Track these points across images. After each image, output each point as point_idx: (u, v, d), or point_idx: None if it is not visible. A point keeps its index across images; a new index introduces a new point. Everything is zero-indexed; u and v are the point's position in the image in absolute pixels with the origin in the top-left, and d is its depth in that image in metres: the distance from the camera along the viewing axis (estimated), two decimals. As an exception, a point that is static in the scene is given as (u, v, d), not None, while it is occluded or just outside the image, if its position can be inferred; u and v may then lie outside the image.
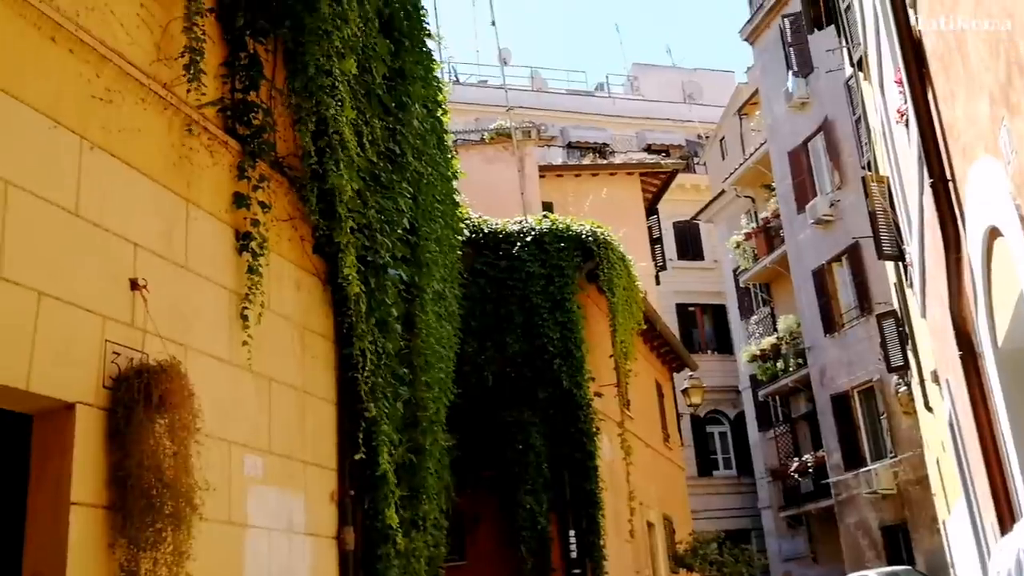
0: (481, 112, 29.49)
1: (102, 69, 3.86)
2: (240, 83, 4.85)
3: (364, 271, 5.61)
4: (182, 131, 4.38)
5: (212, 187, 4.59)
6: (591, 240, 12.15)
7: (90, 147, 3.75)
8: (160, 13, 4.34)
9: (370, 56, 5.91)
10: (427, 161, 7.20)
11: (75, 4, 3.78)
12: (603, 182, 19.64)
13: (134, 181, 4.02)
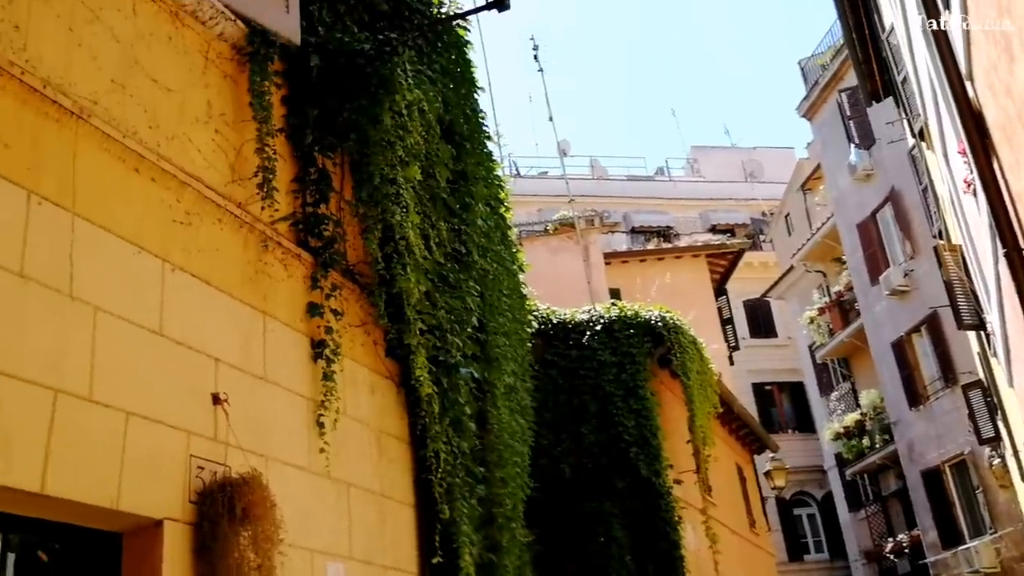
0: (543, 203, 29.88)
1: (182, 194, 4.07)
2: (311, 197, 5.04)
3: (436, 371, 5.68)
4: (257, 247, 4.55)
5: (287, 298, 4.73)
6: (661, 325, 12.08)
7: (172, 269, 3.93)
8: (234, 137, 4.56)
9: (433, 161, 6.09)
10: (492, 257, 7.31)
11: (156, 135, 4.01)
12: (669, 266, 19.62)
13: (213, 298, 4.17)
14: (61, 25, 3.62)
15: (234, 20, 4.56)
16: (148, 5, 4.13)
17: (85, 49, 3.71)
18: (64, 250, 3.41)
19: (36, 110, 3.39)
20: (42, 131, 3.41)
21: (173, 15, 4.28)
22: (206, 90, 4.43)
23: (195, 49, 4.42)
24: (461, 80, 6.94)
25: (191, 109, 4.28)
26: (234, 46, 4.67)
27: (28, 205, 3.28)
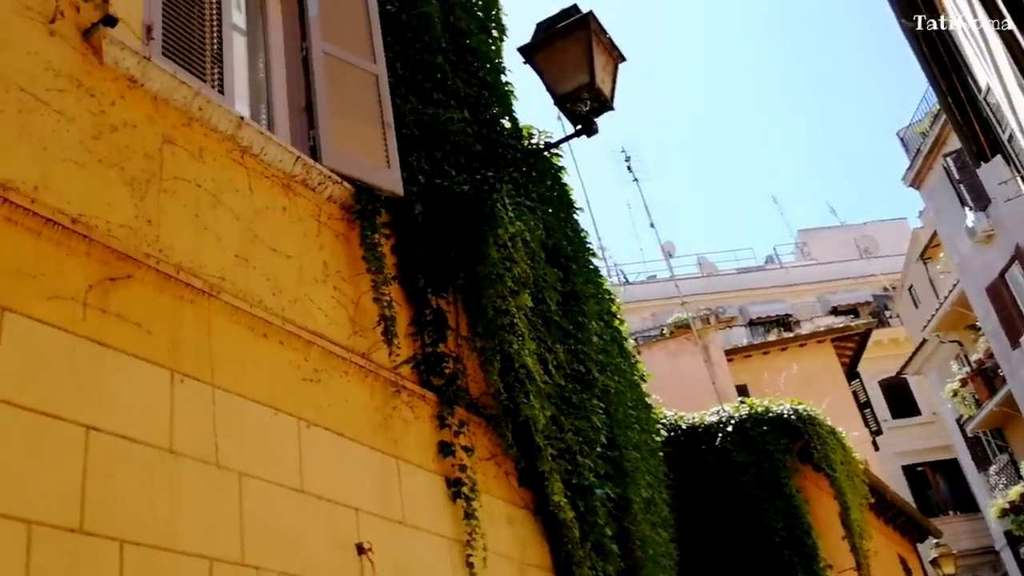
0: (655, 307, 29.76)
1: (308, 353, 4.25)
2: (428, 338, 5.18)
3: (571, 496, 5.63)
4: (384, 393, 4.68)
5: (417, 440, 4.82)
6: (795, 418, 11.68)
7: (307, 426, 4.08)
8: (351, 291, 4.77)
9: (542, 287, 6.20)
10: (613, 372, 7.31)
11: (280, 300, 4.23)
12: (795, 355, 19.11)
13: (348, 449, 4.29)
14: (187, 213, 3.91)
15: (340, 182, 4.83)
16: (262, 182, 4.43)
17: (211, 231, 3.98)
18: (207, 422, 3.59)
19: (172, 294, 3.65)
20: (179, 313, 3.65)
21: (285, 187, 4.57)
22: (321, 251, 4.67)
23: (308, 215, 4.68)
24: (559, 204, 7.11)
25: (309, 271, 4.52)
26: (343, 206, 4.93)
27: (172, 384, 3.49)
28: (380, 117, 5.18)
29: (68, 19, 3.69)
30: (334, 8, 5.27)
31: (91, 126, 3.61)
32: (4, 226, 3.08)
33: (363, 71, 5.25)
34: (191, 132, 4.12)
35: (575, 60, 4.94)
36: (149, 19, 4.13)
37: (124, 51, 3.81)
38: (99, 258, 3.38)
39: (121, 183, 3.64)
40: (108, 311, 3.34)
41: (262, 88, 5.12)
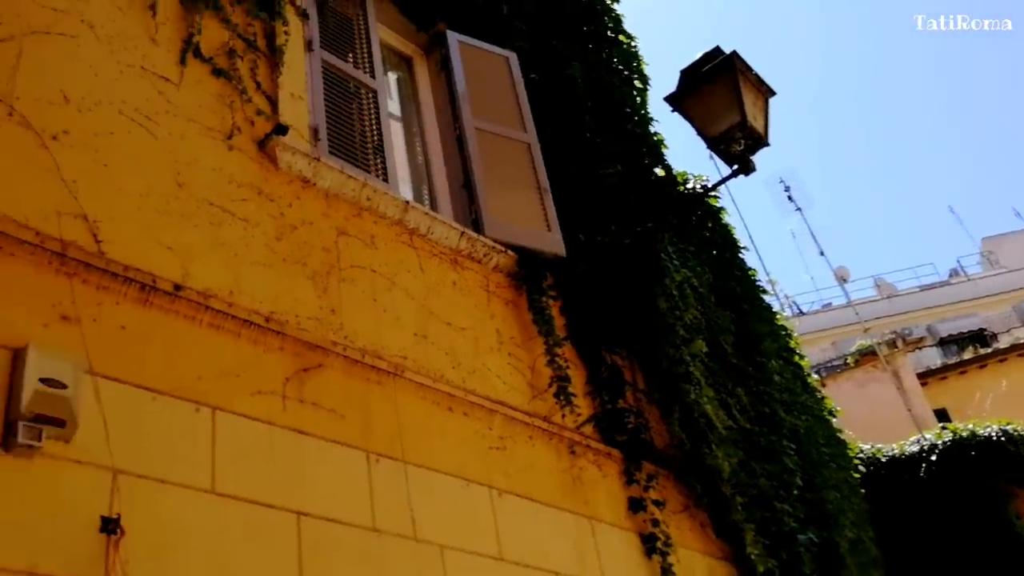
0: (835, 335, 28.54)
1: (492, 421, 4.34)
2: (607, 395, 5.17)
3: (771, 544, 5.44)
4: (569, 455, 4.70)
5: (607, 499, 4.80)
6: (1004, 440, 10.87)
7: (498, 494, 4.14)
8: (525, 356, 4.84)
9: (715, 331, 6.10)
10: (799, 410, 7.06)
11: (459, 373, 4.35)
12: (996, 371, 17.81)
13: (540, 513, 4.32)
14: (366, 298, 4.11)
15: (505, 251, 4.95)
16: (432, 260, 4.60)
17: (389, 313, 4.16)
18: (403, 498, 3.71)
19: (360, 378, 3.82)
20: (367, 395, 3.82)
21: (453, 262, 4.73)
22: (493, 320, 4.78)
23: (477, 286, 4.82)
24: (723, 245, 7.01)
25: (484, 341, 4.63)
26: (509, 274, 5.04)
27: (368, 464, 3.64)
28: (536, 183, 5.29)
29: (244, 133, 4.00)
30: (482, 86, 5.46)
31: (273, 228, 3.87)
32: (208, 332, 3.33)
33: (515, 141, 5.40)
34: (362, 221, 4.34)
35: (724, 101, 4.91)
36: (314, 122, 4.41)
37: (296, 155, 4.09)
38: (292, 351, 3.59)
39: (305, 278, 3.87)
40: (305, 400, 3.54)
41: (422, 170, 5.35)
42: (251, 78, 4.19)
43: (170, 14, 3.99)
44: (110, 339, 3.02)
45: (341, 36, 5.05)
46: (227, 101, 4.00)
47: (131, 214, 3.33)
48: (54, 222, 3.05)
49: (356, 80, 4.94)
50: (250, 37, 4.32)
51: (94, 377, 2.88)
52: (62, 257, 2.98)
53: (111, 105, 3.50)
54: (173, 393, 3.10)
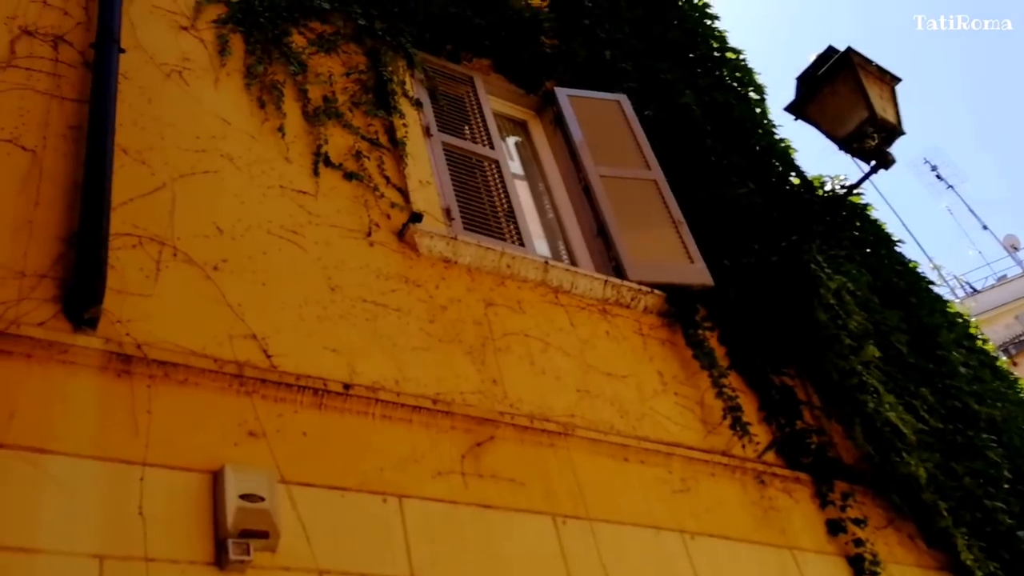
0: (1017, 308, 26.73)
1: (671, 464, 4.28)
2: (783, 418, 5.02)
3: (987, 546, 5.10)
4: (756, 486, 4.58)
5: (804, 525, 4.63)
6: None
7: (690, 537, 4.07)
8: (692, 393, 4.77)
9: (885, 333, 5.84)
10: (993, 398, 6.64)
11: (628, 422, 4.33)
12: None
13: (737, 550, 4.22)
14: (524, 364, 4.17)
15: (651, 291, 4.93)
16: (580, 314, 4.63)
17: (548, 374, 4.21)
18: (594, 556, 3.70)
19: (532, 443, 3.86)
20: (543, 459, 3.85)
21: (602, 312, 4.74)
22: (652, 363, 4.75)
23: (630, 331, 4.80)
24: (876, 242, 6.75)
25: (647, 385, 4.59)
26: (659, 313, 5.01)
27: (556, 527, 3.65)
28: (670, 218, 5.27)
29: (383, 227, 4.17)
30: (598, 133, 5.51)
31: (425, 312, 4.00)
32: (381, 423, 3.46)
33: (641, 181, 5.40)
34: (506, 289, 4.43)
35: (848, 100, 4.77)
36: (445, 203, 4.56)
37: (434, 238, 4.23)
38: (463, 428, 3.68)
39: (462, 354, 3.97)
40: (484, 474, 3.61)
41: (554, 226, 5.41)
42: (380, 174, 4.38)
43: (297, 131, 4.23)
44: (295, 447, 3.18)
45: (455, 115, 5.22)
46: (362, 200, 4.20)
47: (294, 325, 3.52)
48: (228, 346, 3.26)
49: (477, 154, 5.09)
50: (372, 136, 4.52)
51: (287, 485, 3.04)
52: (240, 378, 3.17)
53: (260, 227, 3.73)
54: (360, 488, 3.22)
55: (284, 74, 4.43)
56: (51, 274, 3.05)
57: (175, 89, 3.97)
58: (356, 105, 4.60)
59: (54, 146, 3.40)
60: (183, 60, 4.12)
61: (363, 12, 4.99)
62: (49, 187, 3.27)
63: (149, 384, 2.97)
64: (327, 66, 4.67)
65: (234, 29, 4.43)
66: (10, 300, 2.88)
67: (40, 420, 2.70)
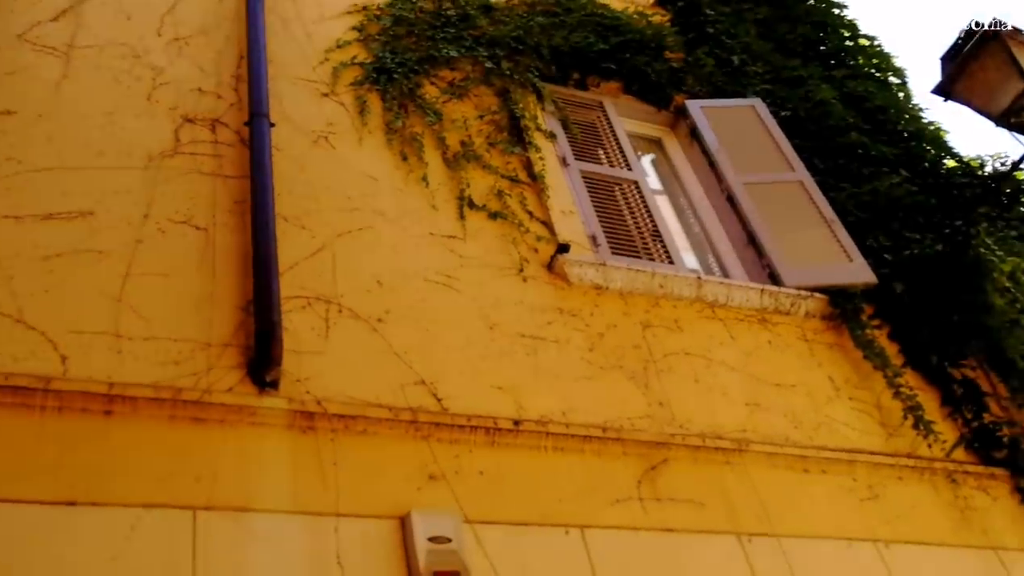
0: None
1: (854, 472, 4.12)
2: (969, 412, 4.76)
3: None
4: (948, 486, 4.34)
5: (1007, 523, 4.36)
6: None
7: (884, 545, 3.90)
8: (867, 395, 4.58)
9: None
10: None
11: (803, 432, 4.20)
12: None
13: (936, 555, 4.01)
14: (688, 382, 4.11)
15: (811, 295, 4.78)
16: (740, 326, 4.54)
17: (715, 391, 4.14)
18: (786, 573, 3.59)
19: (707, 462, 3.80)
20: (720, 477, 3.78)
21: (762, 323, 4.63)
22: (821, 368, 4.59)
23: (794, 339, 4.67)
24: (1047, 216, 6.32)
25: (819, 392, 4.45)
26: (822, 317, 4.85)
27: (742, 546, 3.57)
28: (821, 217, 5.11)
29: (532, 262, 4.23)
30: (736, 141, 5.42)
31: (584, 341, 4.02)
32: (554, 456, 3.49)
33: (786, 183, 5.27)
34: (661, 309, 4.39)
35: (999, 73, 4.52)
36: (590, 230, 4.58)
37: (583, 267, 4.25)
38: (635, 453, 3.66)
39: (625, 379, 3.96)
40: (661, 498, 3.57)
41: (701, 240, 5.34)
42: (523, 209, 4.45)
43: (440, 178, 4.36)
44: (474, 486, 3.25)
45: (589, 142, 5.25)
46: (509, 238, 4.27)
47: (459, 367, 3.60)
48: (400, 394, 3.37)
49: (615, 177, 5.09)
50: (511, 173, 4.60)
51: (471, 525, 3.10)
52: (415, 423, 3.27)
53: (416, 276, 3.85)
54: (541, 522, 3.25)
55: (421, 125, 4.57)
56: (233, 342, 3.23)
57: (323, 154, 4.17)
58: (492, 145, 4.70)
59: (223, 222, 3.63)
60: (327, 125, 4.32)
61: (489, 55, 5.11)
62: (223, 260, 3.48)
63: (332, 438, 3.11)
64: (461, 111, 4.80)
65: (370, 89, 4.62)
66: (200, 370, 3.08)
67: (239, 481, 2.86)
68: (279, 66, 4.46)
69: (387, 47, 4.88)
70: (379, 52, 4.83)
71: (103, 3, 4.29)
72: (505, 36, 5.22)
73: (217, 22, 4.56)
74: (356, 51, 4.81)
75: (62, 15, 4.13)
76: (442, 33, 5.12)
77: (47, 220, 3.30)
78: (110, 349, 3.02)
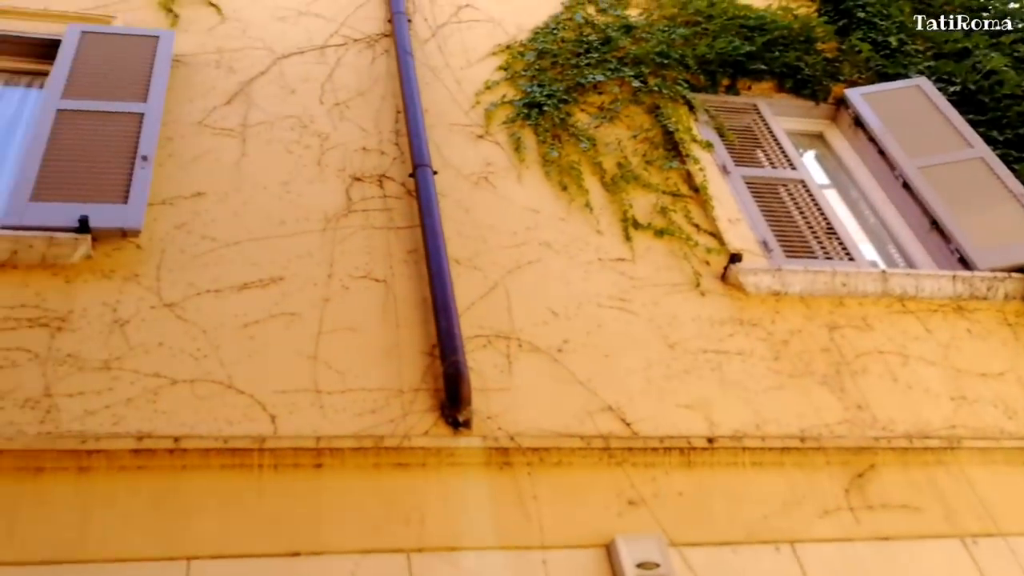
0: None
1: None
2: None
3: None
4: None
5: None
6: None
7: None
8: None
9: None
10: None
11: (1018, 422, 3.92)
12: None
13: None
14: (885, 382, 3.92)
15: (1007, 276, 4.47)
16: (934, 317, 4.30)
17: (916, 388, 3.93)
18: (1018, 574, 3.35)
19: (917, 463, 3.60)
20: (933, 478, 3.57)
21: (957, 311, 4.36)
22: (1030, 353, 4.28)
23: (994, 324, 4.37)
24: None
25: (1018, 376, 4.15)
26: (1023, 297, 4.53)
27: (966, 549, 3.36)
28: (1009, 192, 4.78)
29: (704, 275, 4.16)
30: (904, 124, 5.17)
31: (768, 350, 3.91)
32: (752, 471, 3.40)
33: (965, 162, 4.97)
34: (847, 309, 4.22)
35: None
36: (760, 236, 4.46)
37: (757, 274, 4.15)
38: (839, 461, 3.51)
39: (817, 385, 3.82)
40: (872, 505, 3.41)
41: (879, 231, 5.11)
42: (688, 223, 4.40)
43: (602, 203, 4.37)
44: (674, 508, 3.21)
45: (748, 146, 5.13)
46: (679, 254, 4.22)
47: (644, 389, 3.58)
48: (589, 422, 3.38)
49: (779, 178, 4.95)
50: (672, 188, 4.56)
51: (676, 548, 3.06)
52: (608, 450, 3.27)
53: (589, 303, 3.86)
54: (748, 540, 3.17)
55: (577, 152, 4.61)
56: (423, 386, 3.34)
57: (485, 194, 4.26)
58: (650, 163, 4.68)
59: (399, 271, 3.77)
60: (486, 166, 4.42)
61: (635, 74, 5.10)
62: (404, 309, 3.62)
63: (529, 472, 3.15)
64: (614, 134, 4.81)
65: (523, 124, 4.70)
66: (397, 417, 3.20)
67: (446, 521, 2.94)
68: (434, 115, 4.61)
69: (534, 81, 4.96)
70: (527, 87, 4.91)
71: (269, 81, 4.57)
72: (649, 53, 5.20)
73: (372, 83, 4.76)
74: (505, 90, 4.92)
75: (234, 98, 4.43)
76: (586, 59, 5.16)
77: (243, 290, 3.52)
78: (312, 405, 3.18)
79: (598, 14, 5.61)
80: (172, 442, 2.93)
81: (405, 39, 4.92)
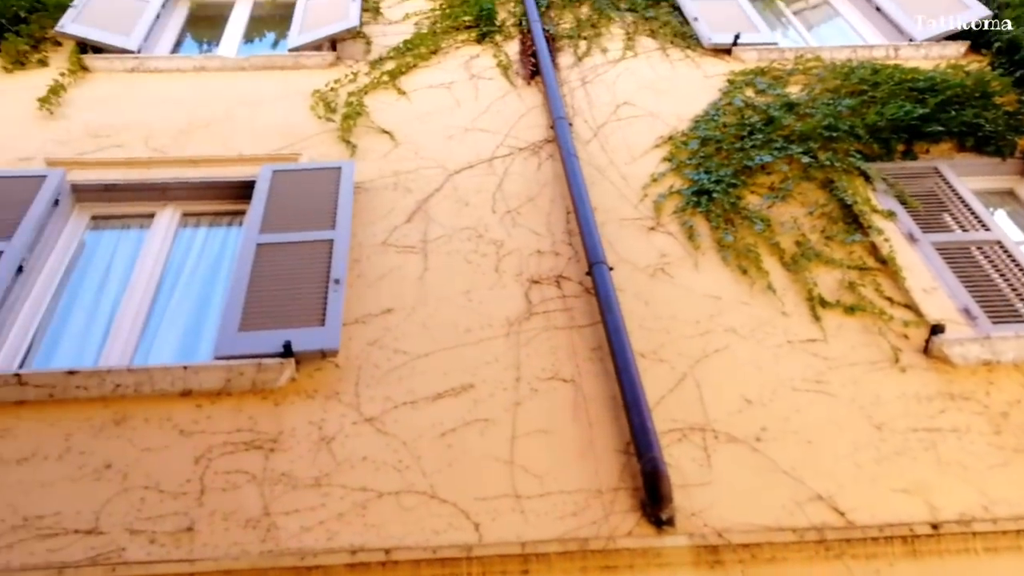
0: None
1: None
2: None
3: None
4: None
5: None
6: None
7: None
8: None
9: None
10: None
11: None
12: None
13: None
14: None
15: None
16: None
17: None
18: None
19: None
20: None
21: None
22: None
23: None
24: None
25: None
26: None
27: None
28: None
29: (905, 349, 3.95)
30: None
31: (986, 425, 3.64)
32: (988, 557, 3.13)
33: None
34: (1069, 373, 3.89)
35: None
36: (960, 303, 4.21)
37: (965, 344, 3.90)
38: (1086, 543, 3.19)
39: (1047, 460, 3.51)
40: None
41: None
42: (880, 297, 4.21)
43: (784, 283, 4.26)
44: (904, 603, 2.98)
45: (933, 211, 4.90)
46: (874, 329, 4.03)
47: (854, 474, 3.39)
48: (799, 513, 3.22)
49: (972, 241, 4.68)
50: (858, 263, 4.40)
51: (913, 647, 2.83)
52: (824, 543, 3.09)
53: (784, 387, 3.73)
54: (993, 635, 2.90)
55: (752, 235, 4.53)
56: (621, 485, 3.29)
57: (663, 286, 4.24)
58: (830, 238, 4.54)
59: (585, 370, 3.77)
60: (661, 257, 4.41)
61: (804, 150, 5.01)
62: (594, 407, 3.60)
63: (741, 570, 3.02)
64: (788, 212, 4.71)
65: (693, 212, 4.68)
66: (598, 518, 3.15)
67: (660, 626, 2.84)
68: (604, 212, 4.66)
69: (700, 168, 4.95)
70: (693, 175, 4.90)
71: (444, 197, 4.76)
72: (816, 127, 5.11)
73: (540, 188, 4.88)
74: (671, 180, 4.93)
75: (413, 216, 4.63)
76: (750, 141, 5.12)
77: (437, 400, 3.61)
78: (513, 510, 3.18)
79: (757, 96, 5.59)
80: (383, 554, 2.99)
81: (568, 142, 5.04)
